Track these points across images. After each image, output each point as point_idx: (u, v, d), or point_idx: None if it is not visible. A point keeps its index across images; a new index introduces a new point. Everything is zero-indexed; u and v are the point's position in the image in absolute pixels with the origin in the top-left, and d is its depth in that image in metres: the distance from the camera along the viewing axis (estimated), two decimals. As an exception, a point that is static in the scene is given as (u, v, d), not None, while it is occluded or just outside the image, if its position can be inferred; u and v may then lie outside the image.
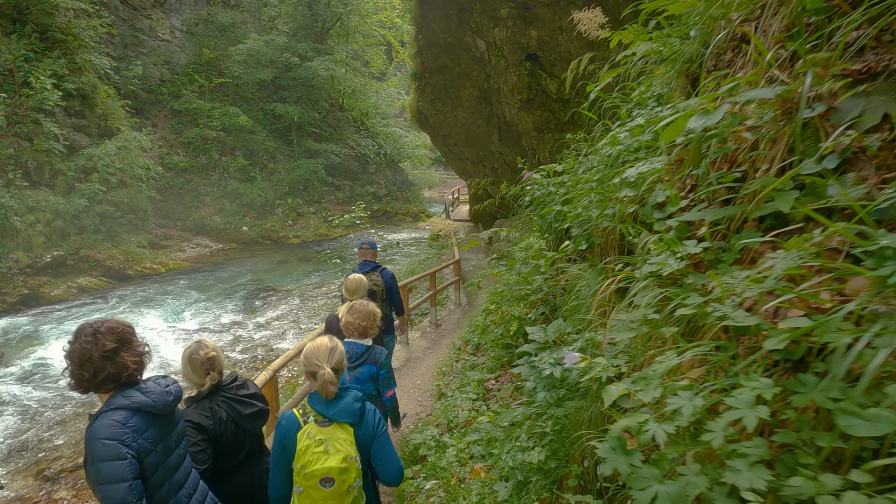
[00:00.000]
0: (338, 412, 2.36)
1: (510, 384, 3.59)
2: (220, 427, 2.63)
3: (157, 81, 29.40)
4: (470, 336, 5.76)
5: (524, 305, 3.42)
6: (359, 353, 3.49)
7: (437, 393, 5.48)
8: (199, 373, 2.70)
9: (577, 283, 2.55)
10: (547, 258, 3.12)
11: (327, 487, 2.23)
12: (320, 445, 2.25)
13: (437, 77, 16.63)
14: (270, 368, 4.02)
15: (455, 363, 5.75)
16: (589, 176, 2.60)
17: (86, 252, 20.85)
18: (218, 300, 18.87)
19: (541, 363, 2.21)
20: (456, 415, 3.80)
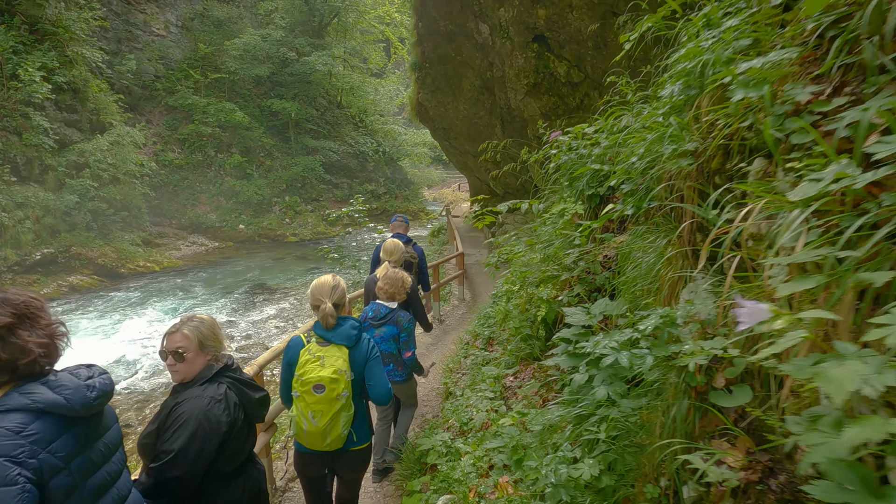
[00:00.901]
0: (335, 335, 2.79)
1: (534, 381, 3.08)
2: (234, 416, 2.17)
3: (151, 77, 28.84)
4: (480, 329, 5.23)
5: (553, 287, 2.89)
6: (383, 313, 3.91)
7: (445, 392, 4.95)
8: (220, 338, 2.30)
9: (632, 252, 2.05)
10: (584, 227, 2.59)
11: (318, 393, 2.64)
12: (317, 360, 2.70)
13: (437, 67, 16.09)
14: (255, 363, 3.49)
15: (463, 359, 5.22)
16: (653, 111, 2.07)
17: (77, 250, 20.29)
18: (213, 299, 18.32)
19: (598, 348, 1.68)
20: (470, 416, 3.25)
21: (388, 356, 3.92)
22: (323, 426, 2.66)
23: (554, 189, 3.69)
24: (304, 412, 2.68)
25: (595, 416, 1.88)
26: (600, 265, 2.56)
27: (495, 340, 4.82)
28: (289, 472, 4.34)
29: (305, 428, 2.69)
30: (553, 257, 2.89)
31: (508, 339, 3.96)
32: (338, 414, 2.68)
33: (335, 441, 2.74)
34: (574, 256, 2.65)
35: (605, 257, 2.57)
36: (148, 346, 13.75)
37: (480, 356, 4.71)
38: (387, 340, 3.89)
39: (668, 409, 1.50)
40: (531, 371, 3.41)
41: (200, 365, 2.17)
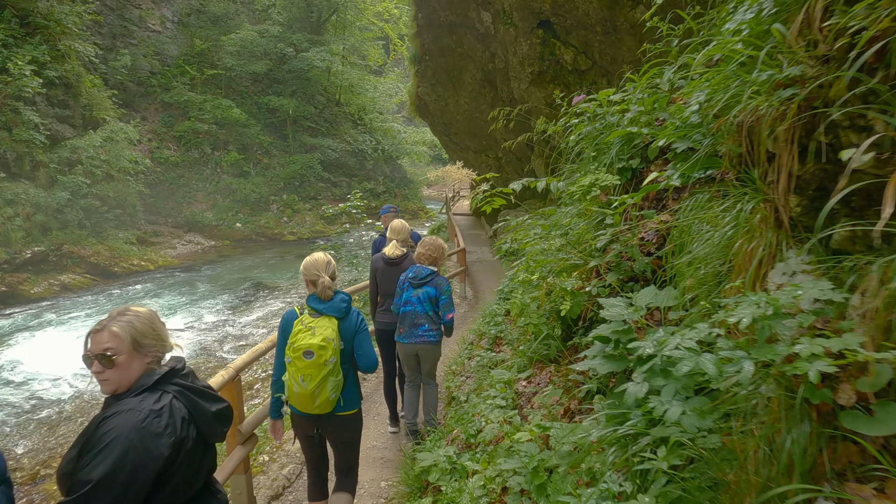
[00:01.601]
0: (327, 307, 2.99)
1: (552, 387, 2.65)
2: (181, 436, 1.67)
3: (146, 73, 28.38)
4: (485, 328, 4.78)
5: (577, 277, 2.45)
6: (424, 274, 4.21)
7: (447, 396, 4.51)
8: (162, 335, 1.86)
9: (692, 226, 1.62)
10: (619, 202, 2.14)
11: (308, 359, 2.86)
12: (309, 330, 2.92)
13: (437, 60, 15.66)
14: (231, 367, 3.05)
15: (467, 361, 4.78)
16: (723, 41, 1.61)
17: (69, 248, 19.83)
18: (208, 297, 17.88)
19: (665, 349, 1.24)
20: (478, 427, 2.82)
21: (423, 316, 4.20)
22: (312, 389, 2.89)
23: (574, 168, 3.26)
24: (294, 376, 2.92)
25: (645, 438, 1.44)
26: (638, 248, 2.12)
27: (504, 340, 4.38)
28: (277, 483, 3.91)
29: (296, 391, 2.93)
30: (577, 242, 2.44)
31: (520, 338, 3.52)
32: (325, 378, 2.91)
33: (323, 404, 2.95)
34: (606, 239, 2.21)
35: (646, 239, 2.13)
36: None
37: (487, 357, 4.27)
38: (423, 302, 4.18)
39: (771, 435, 1.07)
40: (547, 375, 2.97)
41: (137, 370, 1.71)
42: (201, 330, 14.79)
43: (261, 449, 4.17)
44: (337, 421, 3.09)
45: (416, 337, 4.18)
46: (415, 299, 4.18)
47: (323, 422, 3.08)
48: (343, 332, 3.01)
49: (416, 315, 4.19)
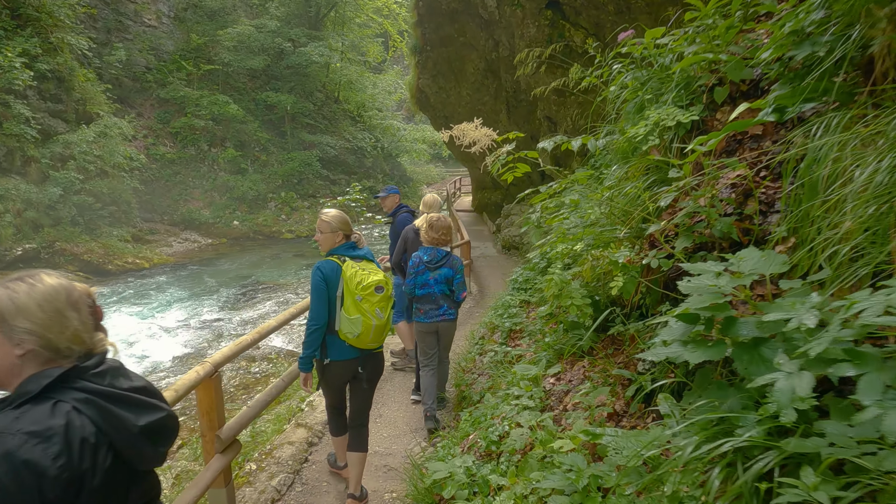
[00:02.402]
0: (365, 253, 3.31)
1: (589, 384, 2.20)
2: (80, 467, 1.13)
3: (142, 68, 27.89)
4: (498, 320, 4.32)
5: (630, 248, 2.00)
6: (440, 256, 4.36)
7: (457, 395, 4.06)
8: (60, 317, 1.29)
9: (826, 158, 1.18)
10: (693, 146, 1.69)
11: (380, 293, 3.14)
12: (364, 271, 3.17)
13: (439, 50, 15.21)
14: (209, 361, 2.59)
15: (479, 357, 4.33)
16: None
17: (61, 245, 19.36)
18: (203, 296, 17.42)
19: (840, 321, 0.79)
20: (501, 432, 2.38)
21: (442, 297, 4.37)
22: (386, 318, 3.18)
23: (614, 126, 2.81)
24: (371, 311, 3.11)
25: (771, 453, 0.99)
26: (714, 206, 1.67)
27: (521, 333, 3.93)
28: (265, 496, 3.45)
29: (374, 324, 3.13)
30: (623, 210, 1.99)
31: (544, 328, 3.08)
32: (391, 310, 3.24)
33: (385, 335, 3.26)
34: (672, 196, 1.76)
35: (723, 195, 1.67)
36: (130, 344, 12.86)
37: (502, 352, 3.82)
38: (441, 283, 4.34)
39: None
40: (581, 371, 2.53)
41: (12, 368, 1.21)
42: (196, 328, 14.35)
43: (248, 456, 3.73)
44: (377, 358, 3.41)
45: (437, 317, 4.38)
46: (432, 281, 4.36)
47: (366, 359, 3.32)
48: None
49: (435, 297, 4.39)
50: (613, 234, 2.02)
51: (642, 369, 2.14)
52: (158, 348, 12.74)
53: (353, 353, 3.25)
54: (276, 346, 12.72)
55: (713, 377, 1.51)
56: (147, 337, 13.65)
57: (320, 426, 4.26)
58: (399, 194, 5.69)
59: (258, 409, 3.10)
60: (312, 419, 4.37)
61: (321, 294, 3.15)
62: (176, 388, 2.19)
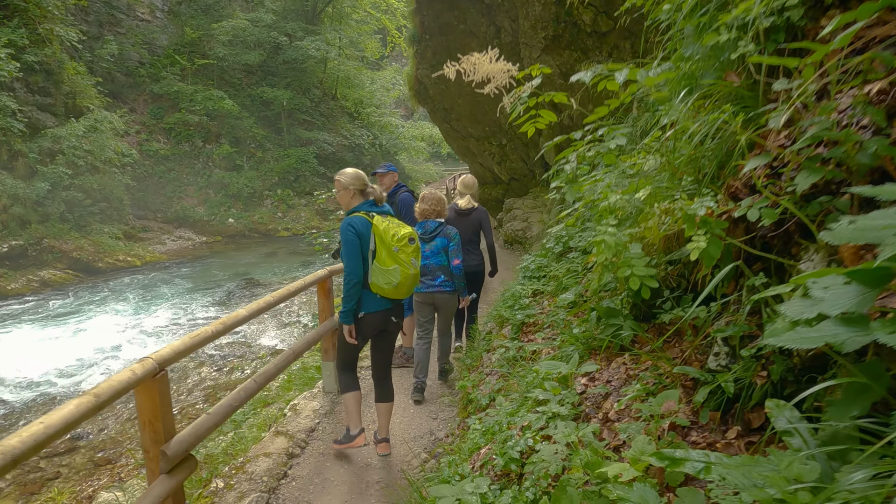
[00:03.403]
0: (388, 210, 3.51)
1: (644, 387, 1.67)
2: None
3: (135, 63, 27.32)
4: (507, 313, 3.78)
5: (710, 198, 1.47)
6: (433, 227, 4.44)
7: (463, 399, 3.52)
8: None
9: None
10: (826, 36, 1.14)
11: (412, 244, 3.35)
12: (395, 224, 3.37)
13: (438, 38, 14.67)
14: (152, 357, 2.05)
15: (486, 354, 3.79)
16: None
17: (50, 242, 18.80)
18: (195, 294, 16.87)
19: None
20: (523, 447, 1.85)
21: (439, 268, 4.47)
22: (419, 268, 3.37)
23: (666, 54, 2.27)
24: (407, 261, 3.27)
25: None
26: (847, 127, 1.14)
27: (536, 325, 3.39)
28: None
29: (412, 272, 3.29)
30: (697, 150, 1.46)
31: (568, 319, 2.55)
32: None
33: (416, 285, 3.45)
34: (788, 112, 1.23)
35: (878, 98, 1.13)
36: (115, 346, 12.32)
37: (514, 348, 3.28)
38: (437, 253, 4.44)
39: None
40: (622, 369, 2.00)
41: None
42: (188, 328, 13.79)
43: (216, 471, 3.19)
44: (401, 306, 3.56)
45: (433, 287, 4.49)
46: (428, 252, 4.44)
47: (396, 308, 3.50)
48: None
49: (431, 268, 4.48)
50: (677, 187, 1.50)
51: (716, 366, 1.60)
52: (146, 349, 12.19)
53: (385, 305, 3.43)
54: (268, 345, 12.20)
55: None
56: (135, 337, 13.11)
57: (303, 434, 3.73)
58: (398, 173, 5.19)
59: (220, 418, 2.56)
60: (295, 426, 3.83)
61: (356, 249, 3.27)
62: (97, 393, 1.65)
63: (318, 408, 4.24)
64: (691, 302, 1.76)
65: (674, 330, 2.08)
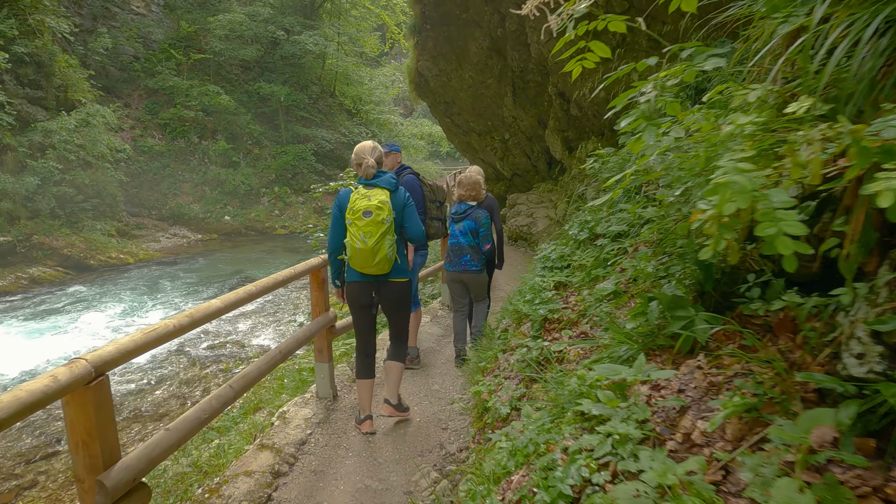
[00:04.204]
0: (379, 181, 3.46)
1: (741, 399, 1.23)
2: None
3: (129, 57, 26.79)
4: (527, 308, 3.30)
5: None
6: (463, 209, 4.74)
7: (477, 406, 3.04)
8: None
9: None
10: None
11: (367, 217, 3.29)
12: (365, 197, 3.35)
13: (439, 28, 14.18)
14: (86, 359, 1.57)
15: (502, 355, 3.31)
16: None
17: (39, 238, 18.30)
18: (189, 292, 16.40)
19: None
20: (577, 480, 1.37)
21: (466, 248, 4.66)
22: (372, 244, 3.28)
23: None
24: (356, 235, 3.31)
25: None
26: None
27: (562, 322, 2.91)
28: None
29: (359, 247, 3.31)
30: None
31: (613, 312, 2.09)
32: (383, 236, 3.30)
33: (382, 262, 3.34)
34: None
35: None
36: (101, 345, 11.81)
37: (537, 348, 2.80)
38: (465, 234, 4.62)
39: None
40: (699, 375, 1.53)
41: None
42: (179, 326, 13.28)
43: (187, 496, 2.70)
44: (391, 286, 3.51)
45: (460, 266, 4.74)
46: (458, 232, 4.70)
47: (380, 285, 3.49)
48: (394, 203, 3.41)
49: (460, 246, 4.73)
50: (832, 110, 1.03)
51: (865, 372, 1.13)
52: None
53: (360, 277, 3.48)
54: (265, 345, 11.72)
55: None
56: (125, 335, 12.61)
57: (293, 448, 3.23)
58: (401, 153, 4.79)
59: (184, 435, 2.06)
60: (282, 438, 3.32)
61: (335, 220, 3.47)
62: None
63: (311, 416, 3.71)
64: (825, 284, 1.29)
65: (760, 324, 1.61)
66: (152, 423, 8.05)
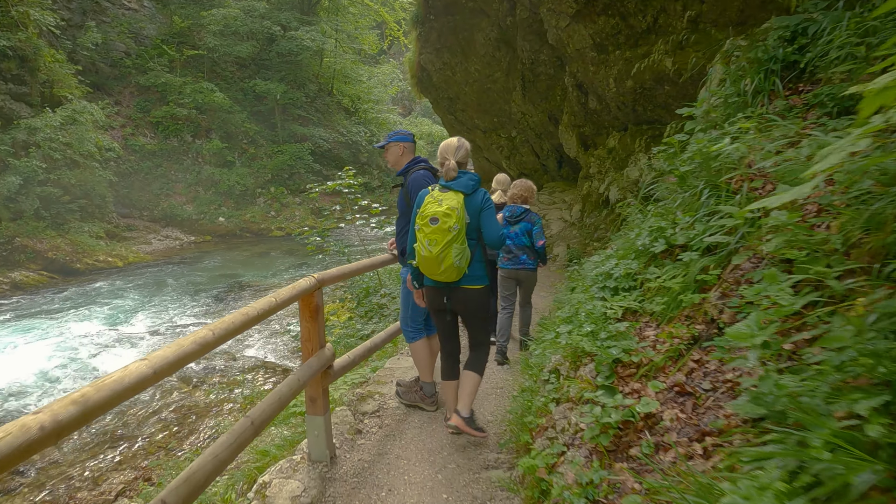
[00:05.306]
0: (456, 184, 3.27)
1: None
2: None
3: (120, 53, 25.91)
4: (589, 344, 2.46)
5: None
6: (518, 212, 5.04)
7: (529, 489, 2.22)
8: None
9: None
10: None
11: (433, 224, 3.14)
12: (436, 201, 3.21)
13: (444, 19, 13.37)
14: None
15: (556, 407, 2.47)
16: None
17: (22, 241, 17.47)
18: (179, 298, 15.56)
19: None
20: None
21: (522, 248, 5.07)
22: (437, 253, 3.13)
23: None
24: (422, 241, 3.20)
25: None
26: None
27: (642, 367, 2.09)
28: None
29: (423, 254, 3.19)
30: None
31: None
32: (449, 244, 3.13)
33: (448, 270, 3.18)
34: None
35: None
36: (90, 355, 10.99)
37: (613, 407, 1.99)
38: (521, 235, 5.04)
39: None
40: None
41: None
42: (167, 336, 12.49)
43: None
44: (463, 293, 3.34)
45: (518, 264, 5.06)
46: (513, 234, 5.00)
47: (451, 291, 3.35)
48: (469, 206, 3.26)
49: (518, 247, 5.04)
50: None
51: None
52: (117, 360, 10.88)
53: (432, 282, 3.38)
54: (256, 356, 10.89)
55: None
56: (108, 346, 11.78)
57: None
58: (403, 143, 3.81)
59: None
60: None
61: (413, 220, 3.36)
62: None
63: (300, 493, 2.73)
64: None
65: None
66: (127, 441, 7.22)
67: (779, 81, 3.21)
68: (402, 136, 3.85)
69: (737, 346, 1.76)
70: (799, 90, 3.23)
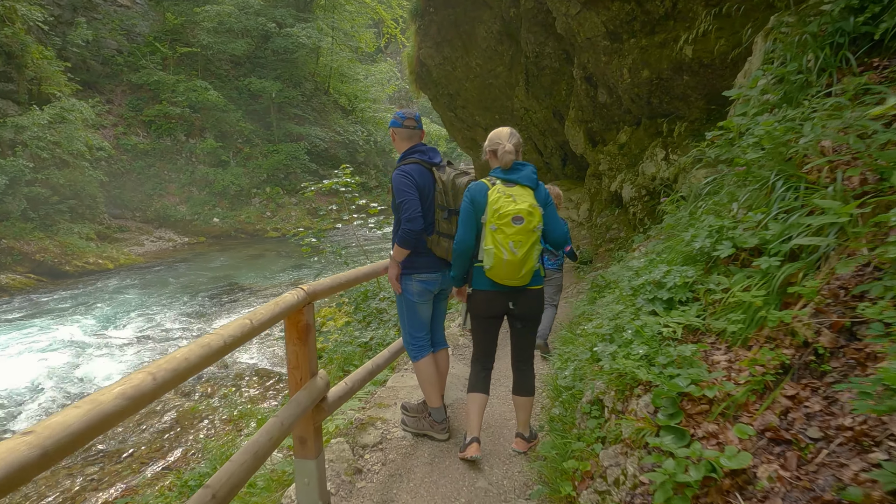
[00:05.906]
0: (520, 177, 2.96)
1: None
2: None
3: (112, 51, 25.36)
4: (643, 370, 1.98)
5: None
6: None
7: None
8: None
9: None
10: None
11: (518, 224, 2.82)
12: (510, 197, 2.84)
13: (444, 11, 12.90)
14: None
15: (604, 450, 2.00)
16: None
17: (9, 243, 16.93)
18: (170, 302, 15.06)
19: None
20: None
21: (545, 251, 4.41)
22: (522, 255, 2.83)
23: None
24: (503, 244, 2.83)
25: None
26: None
27: (715, 403, 1.62)
28: None
29: (506, 258, 2.84)
30: None
31: None
32: (533, 245, 2.87)
33: (527, 273, 2.91)
34: None
35: None
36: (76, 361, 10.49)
37: (689, 459, 1.52)
38: None
39: None
40: None
41: None
42: (157, 341, 11.99)
43: None
44: (529, 294, 3.08)
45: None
46: None
47: (517, 295, 3.06)
48: (536, 202, 2.95)
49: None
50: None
51: None
52: (105, 367, 10.39)
53: (493, 286, 3.03)
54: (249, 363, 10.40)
55: None
56: (96, 352, 11.28)
57: None
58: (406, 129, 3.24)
59: None
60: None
61: (468, 216, 2.98)
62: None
63: None
64: None
65: None
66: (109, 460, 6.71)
67: (850, 56, 2.75)
68: (393, 119, 3.30)
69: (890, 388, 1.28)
70: (874, 65, 2.77)
